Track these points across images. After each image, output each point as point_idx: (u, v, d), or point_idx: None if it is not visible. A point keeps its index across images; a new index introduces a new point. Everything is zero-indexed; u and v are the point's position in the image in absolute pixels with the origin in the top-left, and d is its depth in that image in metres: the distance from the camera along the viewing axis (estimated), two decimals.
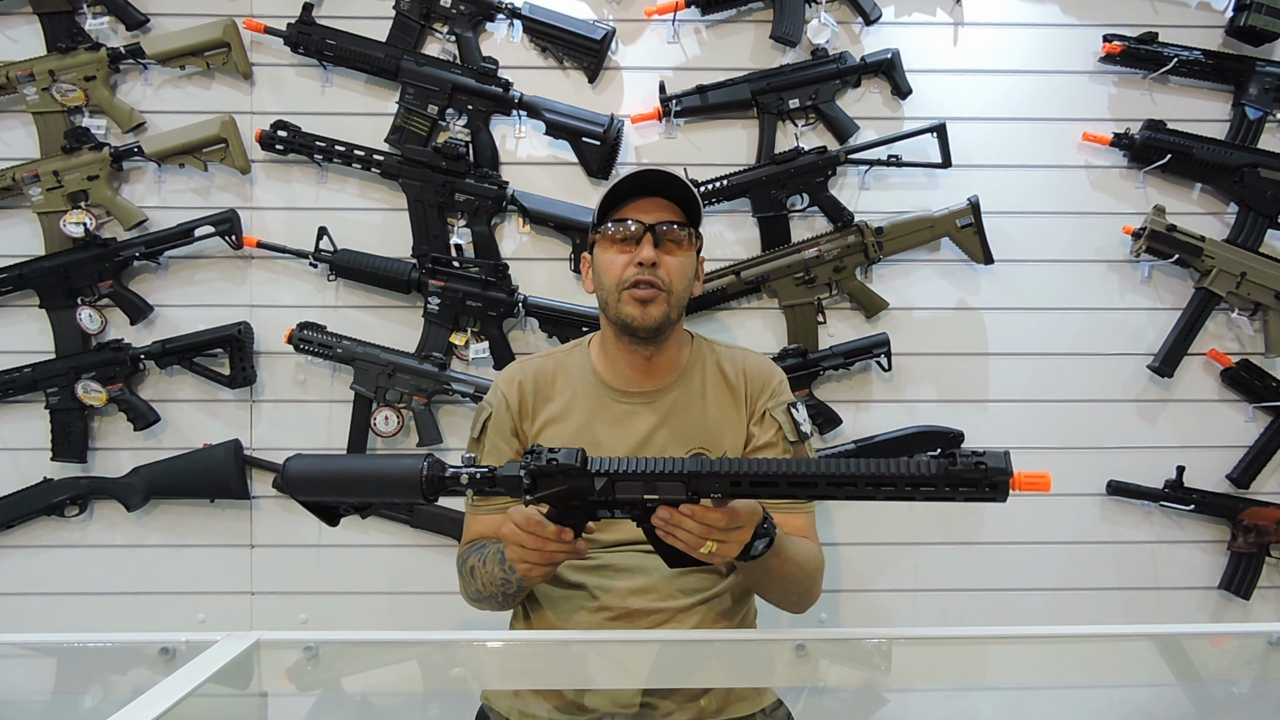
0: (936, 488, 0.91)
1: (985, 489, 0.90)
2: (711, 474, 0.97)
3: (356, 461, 1.09)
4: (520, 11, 2.04)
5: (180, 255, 2.08)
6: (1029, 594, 2.12)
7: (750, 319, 2.13)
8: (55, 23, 2.03)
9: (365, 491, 1.02)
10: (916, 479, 0.91)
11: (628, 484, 0.99)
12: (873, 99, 2.11)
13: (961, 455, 0.91)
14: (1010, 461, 0.90)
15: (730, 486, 0.97)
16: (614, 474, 1.00)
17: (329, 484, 1.02)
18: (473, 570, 1.32)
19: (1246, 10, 2.03)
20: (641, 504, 1.01)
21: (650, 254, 1.33)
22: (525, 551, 1.09)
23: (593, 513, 1.04)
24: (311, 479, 1.02)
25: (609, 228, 1.37)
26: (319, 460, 1.03)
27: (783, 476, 0.94)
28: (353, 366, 2.03)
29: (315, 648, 1.01)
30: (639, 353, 1.39)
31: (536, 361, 1.49)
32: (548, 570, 1.13)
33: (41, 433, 2.05)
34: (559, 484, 1.00)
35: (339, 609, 2.09)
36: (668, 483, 0.98)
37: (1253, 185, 2.06)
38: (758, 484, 0.95)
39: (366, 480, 1.01)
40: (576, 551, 1.08)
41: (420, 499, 1.00)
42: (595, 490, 1.00)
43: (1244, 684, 1.15)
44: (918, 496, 0.92)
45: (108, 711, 0.80)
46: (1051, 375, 2.12)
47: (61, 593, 2.08)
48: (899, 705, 1.16)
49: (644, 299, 1.33)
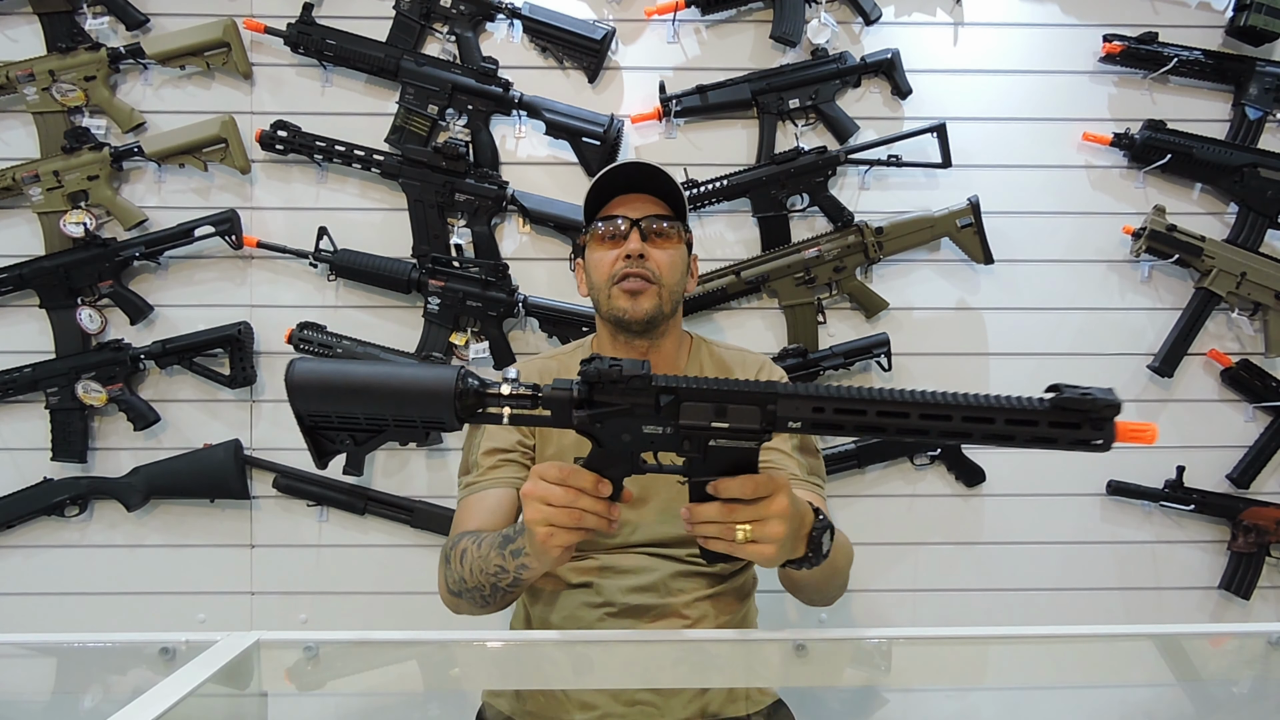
0: (1039, 424, 0.80)
1: (1090, 427, 0.79)
2: (792, 395, 0.83)
3: (377, 367, 0.87)
4: (520, 11, 2.04)
5: (180, 255, 2.08)
6: (1029, 594, 2.12)
7: (750, 319, 2.13)
8: (55, 23, 2.03)
9: (384, 402, 0.84)
10: (1019, 412, 0.80)
11: (695, 405, 0.84)
12: (873, 99, 2.11)
13: (1065, 386, 0.80)
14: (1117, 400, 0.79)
15: (812, 411, 0.82)
16: (681, 389, 0.84)
17: (340, 390, 0.84)
18: (462, 554, 1.17)
19: (1246, 10, 2.03)
20: (704, 437, 0.85)
21: (637, 245, 1.33)
22: (552, 511, 0.92)
23: (636, 461, 0.89)
24: (320, 384, 0.85)
25: (597, 226, 1.38)
26: (331, 363, 0.87)
27: (871, 403, 0.81)
28: None
29: (315, 648, 1.01)
30: (634, 348, 1.38)
31: (540, 362, 1.47)
32: (570, 540, 0.94)
33: (41, 433, 2.05)
34: (618, 399, 0.85)
35: (339, 609, 2.09)
36: (741, 405, 0.84)
37: (1253, 185, 2.06)
38: (844, 410, 0.82)
39: (388, 388, 0.84)
40: (609, 520, 0.92)
41: (451, 417, 0.83)
42: (658, 411, 0.84)
43: (1244, 684, 1.15)
44: (1017, 438, 0.81)
45: (108, 711, 0.80)
46: (1051, 375, 2.11)
47: (61, 593, 2.08)
48: (899, 705, 1.16)
49: (634, 290, 1.33)
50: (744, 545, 0.89)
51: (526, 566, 1.05)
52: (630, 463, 0.90)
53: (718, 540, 0.90)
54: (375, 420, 0.85)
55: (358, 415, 0.86)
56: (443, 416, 0.83)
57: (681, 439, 0.86)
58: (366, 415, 0.85)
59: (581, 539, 0.94)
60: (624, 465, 0.90)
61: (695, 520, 0.90)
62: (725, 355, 1.47)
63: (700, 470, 0.88)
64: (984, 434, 0.81)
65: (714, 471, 0.88)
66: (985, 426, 0.81)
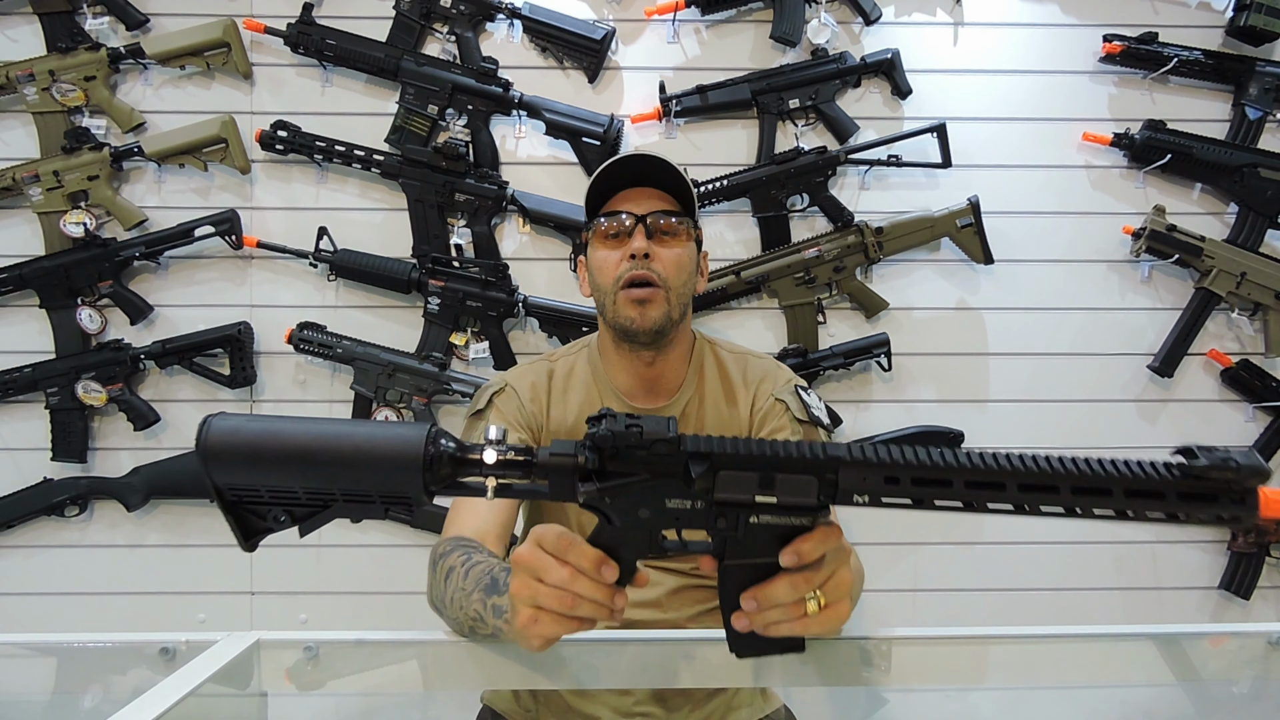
0: (1166, 496, 0.64)
1: (1230, 501, 0.64)
2: (861, 463, 0.66)
3: (323, 426, 0.67)
4: (520, 11, 2.04)
5: (180, 255, 2.08)
6: (1029, 594, 2.12)
7: (750, 319, 2.13)
8: (55, 23, 2.03)
9: (332, 474, 0.66)
10: (1142, 482, 0.64)
11: (735, 475, 0.67)
12: (873, 99, 2.11)
13: (1200, 449, 0.64)
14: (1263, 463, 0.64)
15: (884, 482, 0.66)
16: (717, 455, 0.67)
17: (273, 458, 0.66)
18: (448, 574, 1.02)
19: (1246, 10, 2.03)
20: (745, 510, 0.68)
21: (643, 244, 1.24)
22: (542, 591, 0.73)
23: (656, 539, 0.71)
24: (245, 449, 0.66)
25: (599, 222, 1.28)
26: (261, 422, 0.67)
27: (958, 471, 0.65)
28: (353, 366, 2.03)
29: (315, 648, 1.01)
30: (640, 358, 1.29)
31: (545, 365, 1.37)
32: (557, 631, 0.75)
33: (41, 433, 2.05)
34: (639, 467, 0.68)
35: (339, 609, 2.09)
36: (794, 476, 0.67)
37: (1253, 185, 2.06)
38: (923, 482, 0.65)
39: (336, 455, 0.65)
40: (613, 610, 0.73)
41: (418, 491, 0.66)
42: (691, 482, 0.67)
43: (1244, 684, 1.15)
44: (1136, 515, 0.65)
45: (108, 711, 0.80)
46: (1051, 375, 2.12)
47: (61, 593, 2.08)
48: (899, 705, 1.16)
49: (642, 299, 1.23)
50: (816, 617, 0.71)
51: (503, 631, 0.88)
52: (647, 542, 0.71)
53: (783, 624, 0.72)
54: (319, 495, 0.68)
55: (295, 489, 0.67)
56: (407, 490, 0.66)
57: (716, 515, 0.69)
58: (308, 489, 0.67)
59: (573, 630, 0.74)
60: (640, 545, 0.71)
61: (768, 606, 0.71)
62: (731, 360, 1.38)
63: (737, 551, 0.70)
64: (1095, 511, 0.65)
65: (753, 552, 0.70)
66: (1098, 500, 0.65)
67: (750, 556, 0.71)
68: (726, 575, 0.72)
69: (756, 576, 0.71)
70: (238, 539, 0.70)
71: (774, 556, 0.70)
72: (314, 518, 0.69)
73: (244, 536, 0.70)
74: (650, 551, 0.72)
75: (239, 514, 0.69)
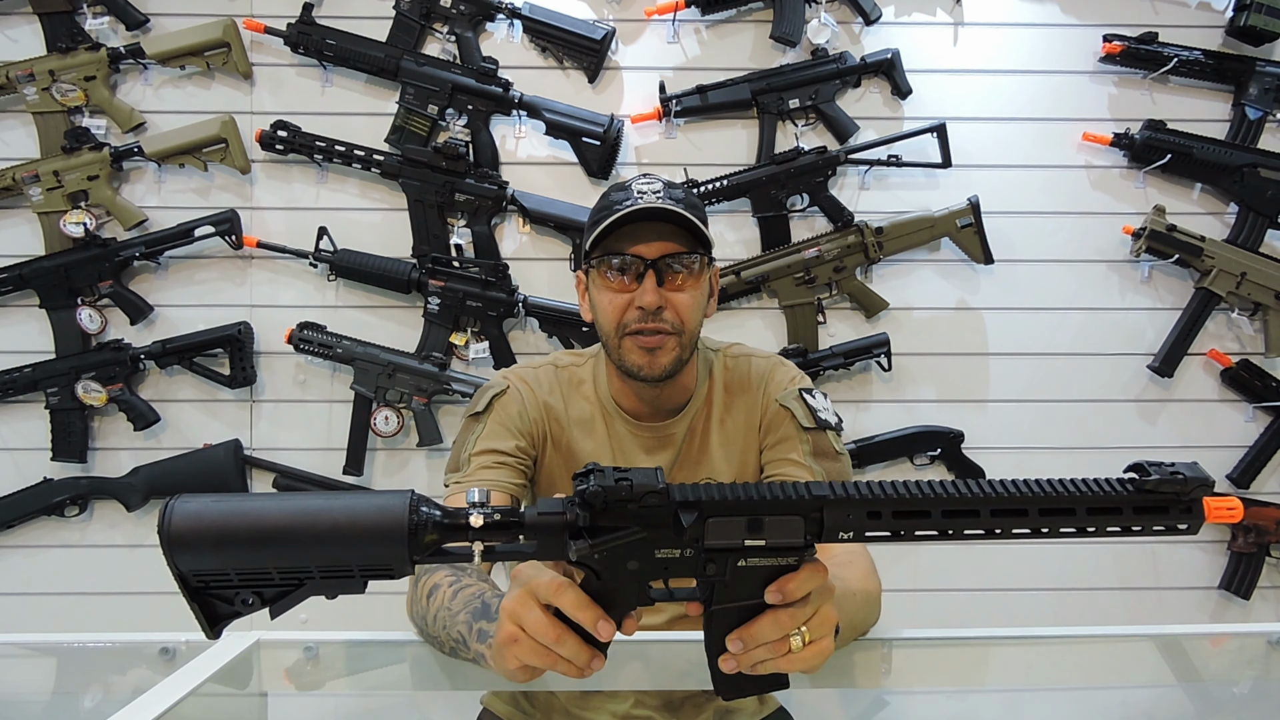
0: (1123, 512, 0.69)
1: (1179, 510, 0.69)
2: (845, 500, 0.69)
3: (296, 502, 0.65)
4: (520, 11, 2.04)
5: (180, 255, 2.08)
6: (1029, 594, 2.12)
7: (750, 319, 2.12)
8: (55, 23, 2.03)
9: (308, 551, 0.63)
10: (1101, 500, 0.69)
11: (724, 522, 0.69)
12: (873, 99, 2.11)
13: (1150, 464, 0.70)
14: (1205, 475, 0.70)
15: (867, 519, 0.69)
16: (705, 503, 0.69)
17: (244, 539, 0.63)
18: (431, 592, 0.97)
19: (1246, 10, 2.03)
20: (734, 555, 0.70)
21: (653, 299, 1.10)
22: (526, 647, 0.72)
23: (645, 590, 0.72)
24: (213, 533, 0.63)
25: (606, 260, 1.13)
26: (229, 502, 0.65)
27: (935, 501, 0.68)
28: (353, 366, 2.03)
29: (315, 648, 1.01)
30: (647, 389, 1.20)
31: (551, 369, 1.28)
32: (534, 675, 0.76)
33: (41, 433, 2.05)
34: (632, 523, 0.68)
35: (339, 609, 2.08)
36: (780, 517, 0.69)
37: (1253, 185, 2.06)
38: (903, 514, 0.68)
39: (313, 532, 0.63)
40: (582, 670, 0.73)
41: (403, 561, 0.64)
42: (682, 531, 0.68)
43: (1244, 684, 1.15)
44: (1098, 530, 0.70)
45: (108, 711, 0.80)
46: (1051, 375, 2.12)
47: (61, 593, 2.08)
48: (899, 706, 1.16)
49: (651, 346, 1.12)
50: (800, 654, 0.72)
51: (486, 659, 0.85)
52: (637, 594, 0.72)
53: (768, 662, 0.72)
54: (294, 574, 0.65)
55: (269, 570, 0.64)
56: (390, 561, 0.64)
57: (705, 562, 0.70)
58: (282, 569, 0.65)
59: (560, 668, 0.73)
60: (629, 597, 0.71)
61: (754, 645, 0.72)
62: (735, 366, 1.28)
63: (724, 595, 0.72)
64: (1060, 530, 0.70)
65: (740, 595, 0.72)
66: (1063, 520, 0.69)
67: (737, 599, 0.72)
68: (713, 620, 0.73)
69: (743, 618, 0.72)
70: (203, 628, 0.67)
71: (760, 597, 0.71)
72: (286, 597, 0.67)
73: (209, 624, 0.67)
74: (638, 602, 0.72)
75: (204, 600, 0.67)
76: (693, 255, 1.13)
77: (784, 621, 0.71)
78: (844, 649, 1.01)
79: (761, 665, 0.73)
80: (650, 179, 1.15)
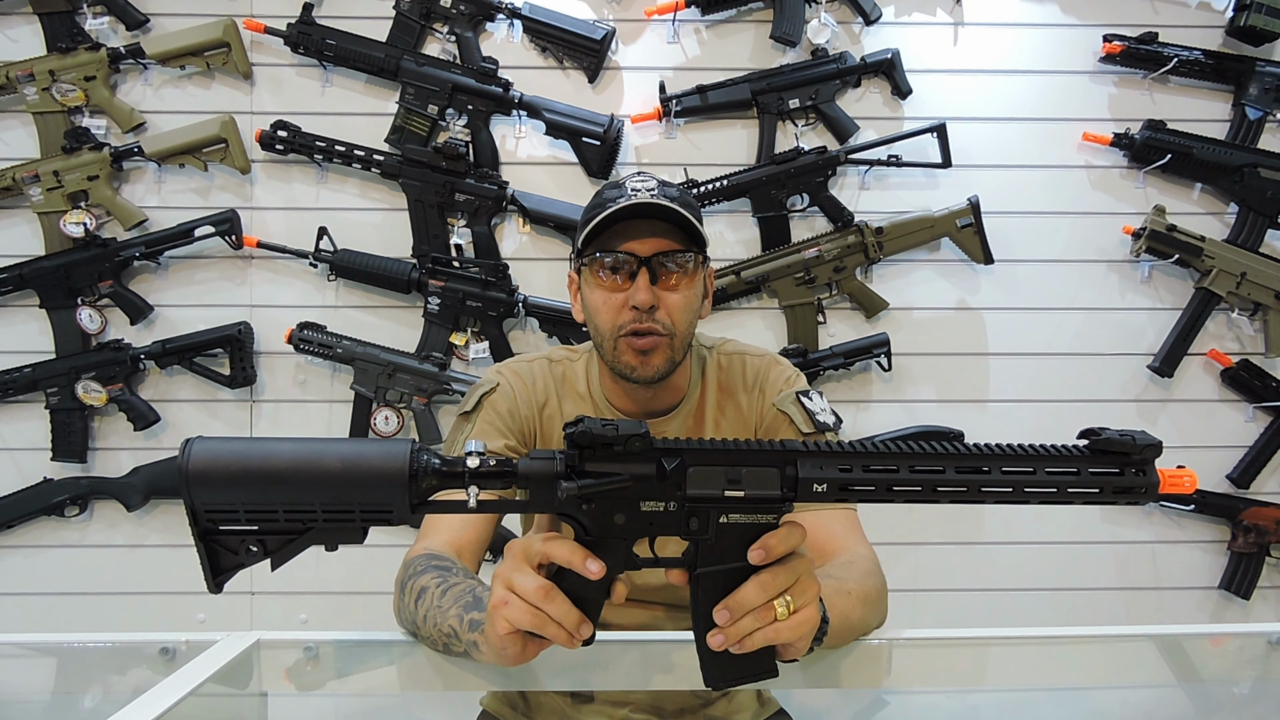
0: (1080, 472, 0.73)
1: (1132, 472, 0.73)
2: (816, 453, 0.72)
3: (306, 444, 0.68)
4: (520, 11, 2.04)
5: (180, 255, 2.08)
6: (1029, 594, 2.12)
7: (750, 319, 2.12)
8: (55, 23, 2.03)
9: (315, 488, 0.67)
10: (1058, 460, 0.73)
11: (704, 471, 0.71)
12: (873, 99, 2.11)
13: (1101, 429, 0.75)
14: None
15: (840, 472, 0.71)
16: (687, 451, 0.72)
17: (257, 476, 0.67)
18: (420, 594, 0.98)
19: (1246, 10, 2.03)
20: (715, 512, 0.72)
21: (647, 297, 1.09)
22: (517, 609, 0.73)
23: (630, 553, 0.74)
24: (229, 468, 0.67)
25: (599, 258, 1.12)
26: (242, 442, 0.68)
27: (903, 458, 0.71)
28: (353, 366, 2.03)
29: (315, 648, 1.01)
30: (640, 389, 1.19)
31: (544, 364, 1.28)
32: (534, 646, 0.77)
33: (41, 433, 2.05)
34: (616, 465, 0.70)
35: (339, 609, 2.09)
36: (758, 468, 0.72)
37: (1253, 185, 2.06)
38: (873, 470, 0.71)
39: (321, 470, 0.67)
40: (572, 637, 0.74)
41: (403, 505, 0.67)
42: (664, 480, 0.71)
43: (1244, 684, 1.15)
44: (1059, 489, 0.73)
45: (108, 711, 0.80)
46: (1051, 375, 2.12)
47: (61, 593, 2.08)
48: (899, 706, 1.16)
49: (645, 348, 1.11)
50: (786, 622, 0.73)
51: (478, 647, 0.86)
52: (623, 555, 0.73)
53: (755, 633, 0.73)
54: (298, 514, 0.68)
55: (275, 508, 0.68)
56: (391, 504, 0.67)
57: (687, 516, 0.73)
58: (289, 507, 0.68)
59: (553, 640, 0.75)
60: (616, 561, 0.73)
61: (741, 614, 0.72)
62: (729, 364, 1.27)
63: (709, 557, 0.74)
64: (1024, 488, 0.73)
65: (725, 557, 0.73)
66: (1025, 478, 0.72)
67: (721, 561, 0.74)
68: (698, 587, 0.75)
69: (728, 587, 0.74)
70: (206, 577, 0.70)
71: (743, 560, 0.73)
72: (287, 546, 0.71)
73: (213, 573, 0.70)
74: (626, 566, 0.74)
75: (211, 544, 0.70)
76: (687, 254, 1.13)
77: (767, 583, 0.72)
78: (844, 649, 1.01)
79: (749, 639, 0.73)
80: (645, 176, 1.15)
